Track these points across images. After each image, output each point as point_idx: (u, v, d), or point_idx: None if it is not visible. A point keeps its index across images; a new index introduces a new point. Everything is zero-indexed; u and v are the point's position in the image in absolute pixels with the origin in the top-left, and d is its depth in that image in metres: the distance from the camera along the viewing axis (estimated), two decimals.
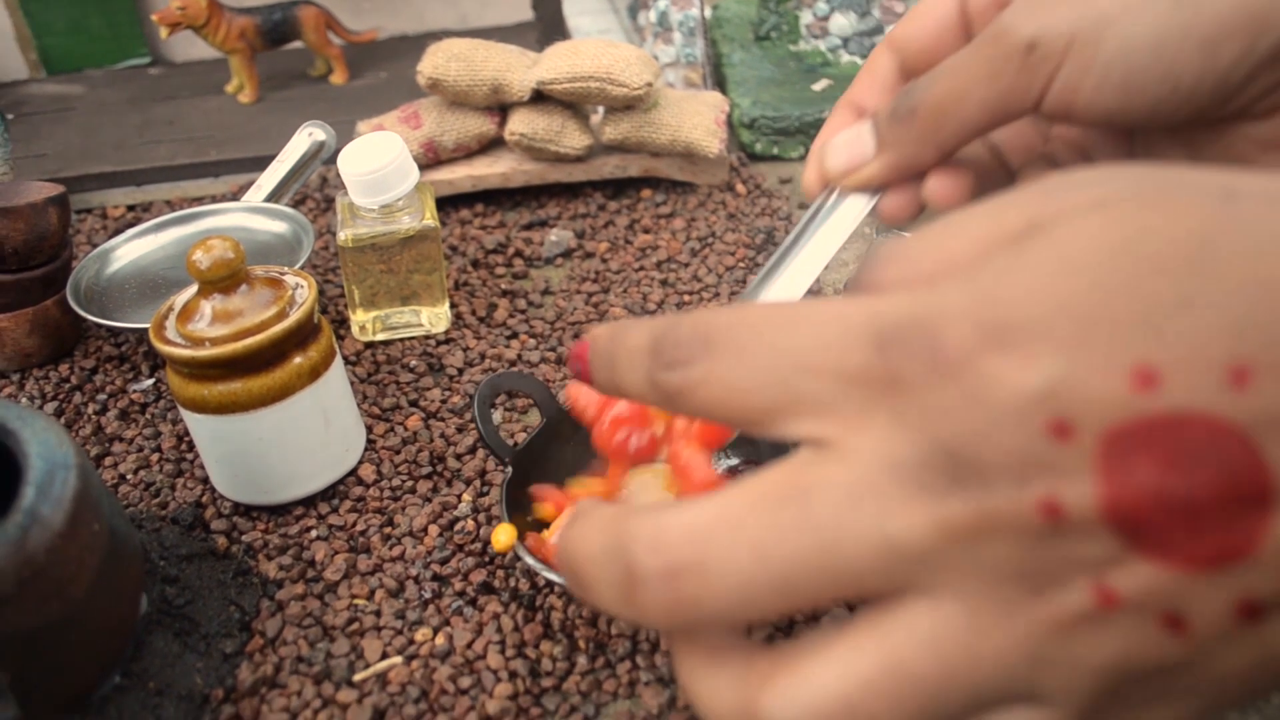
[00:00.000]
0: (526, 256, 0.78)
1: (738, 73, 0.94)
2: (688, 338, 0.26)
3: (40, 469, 0.42)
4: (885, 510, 0.23)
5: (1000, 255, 0.24)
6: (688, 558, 0.24)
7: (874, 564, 0.23)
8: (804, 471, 0.24)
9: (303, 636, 0.50)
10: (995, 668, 0.24)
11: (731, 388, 0.25)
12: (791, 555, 0.24)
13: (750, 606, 0.24)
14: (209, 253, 0.51)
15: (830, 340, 0.24)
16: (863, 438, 0.24)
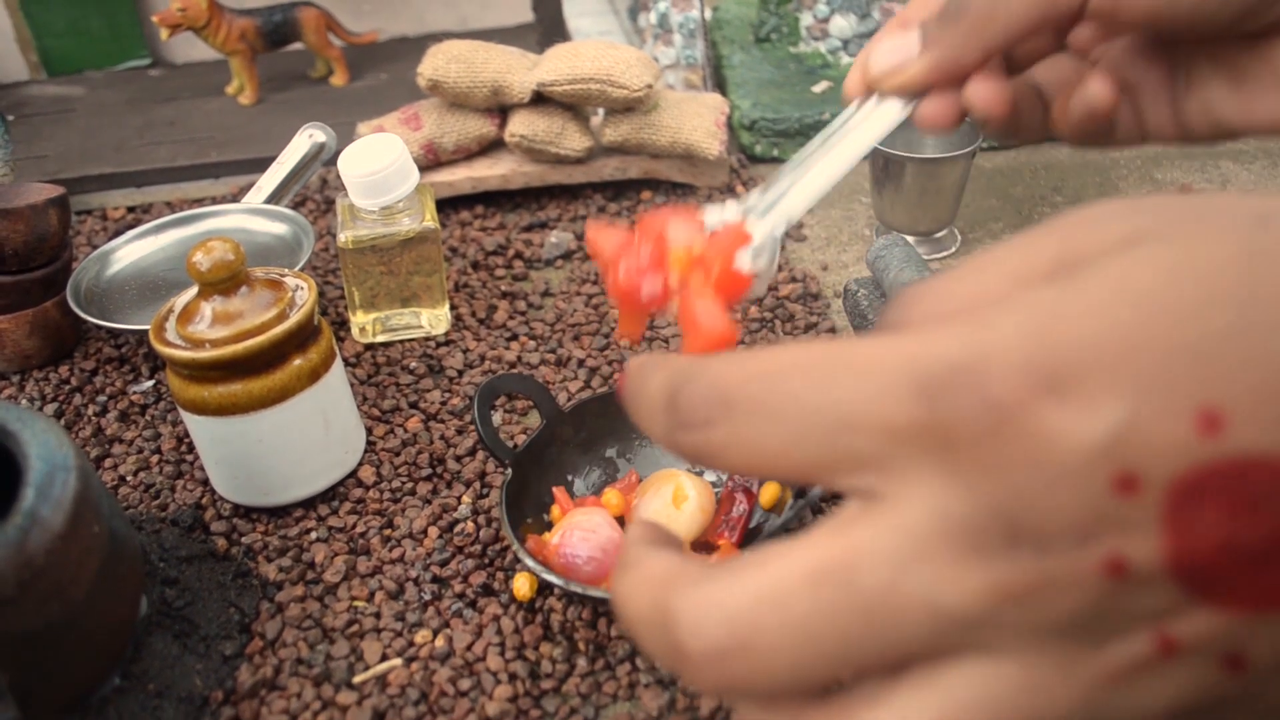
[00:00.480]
0: (526, 258, 0.78)
1: (738, 74, 0.94)
2: (703, 398, 0.25)
3: (40, 471, 0.42)
4: (936, 577, 0.23)
5: (1040, 292, 0.23)
6: (732, 642, 0.24)
7: (925, 632, 0.23)
8: (849, 537, 0.23)
9: (302, 638, 0.50)
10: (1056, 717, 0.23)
11: (762, 450, 0.24)
12: (838, 634, 0.23)
13: (798, 682, 0.24)
14: (209, 254, 0.51)
15: (870, 393, 0.23)
16: (912, 495, 0.23)
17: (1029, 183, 0.82)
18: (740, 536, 0.50)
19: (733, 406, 0.24)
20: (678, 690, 0.46)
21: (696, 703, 0.45)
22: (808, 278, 0.72)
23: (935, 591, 0.22)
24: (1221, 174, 0.81)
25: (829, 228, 0.79)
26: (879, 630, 0.23)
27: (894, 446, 0.23)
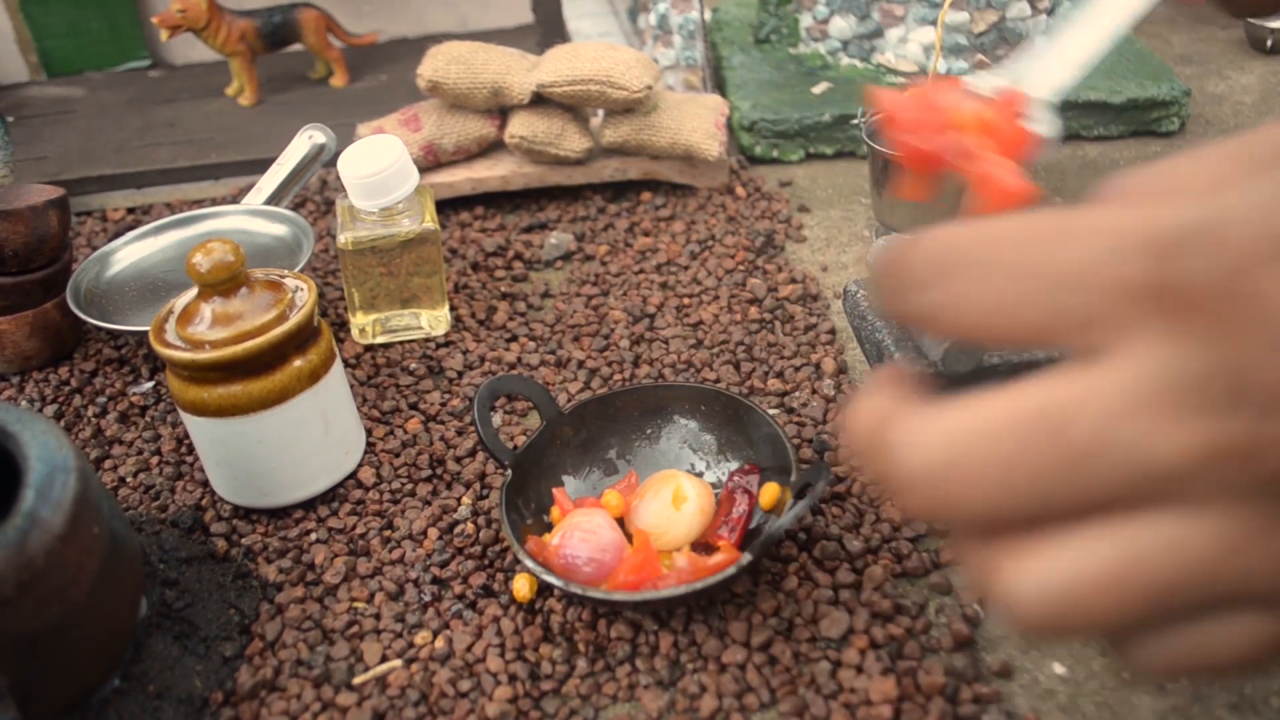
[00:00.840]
0: (526, 259, 0.78)
1: (737, 76, 0.94)
2: (926, 260, 0.26)
3: (40, 472, 0.42)
4: (1151, 431, 0.23)
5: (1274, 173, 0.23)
6: (940, 463, 0.25)
7: (1127, 482, 0.24)
8: (1068, 388, 0.24)
9: (302, 639, 0.50)
10: (1242, 577, 0.24)
11: (987, 308, 0.25)
12: (1041, 474, 0.24)
13: (992, 513, 0.25)
14: (209, 256, 0.51)
15: (1101, 253, 0.24)
16: (1136, 352, 0.23)
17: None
18: (740, 537, 0.50)
19: (950, 269, 0.25)
20: (677, 691, 0.46)
21: (697, 704, 0.45)
22: (807, 279, 0.72)
23: (1147, 444, 0.23)
24: None
25: (828, 229, 0.79)
26: (1081, 476, 0.24)
27: (1122, 305, 0.23)
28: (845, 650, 0.47)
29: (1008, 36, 0.90)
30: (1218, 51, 1.01)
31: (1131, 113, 0.85)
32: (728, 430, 0.56)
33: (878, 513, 0.53)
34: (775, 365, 0.65)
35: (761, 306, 0.70)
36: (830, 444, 0.58)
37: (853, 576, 0.50)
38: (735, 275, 0.73)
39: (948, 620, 0.48)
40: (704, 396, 0.56)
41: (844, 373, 0.64)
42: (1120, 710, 0.43)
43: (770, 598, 0.49)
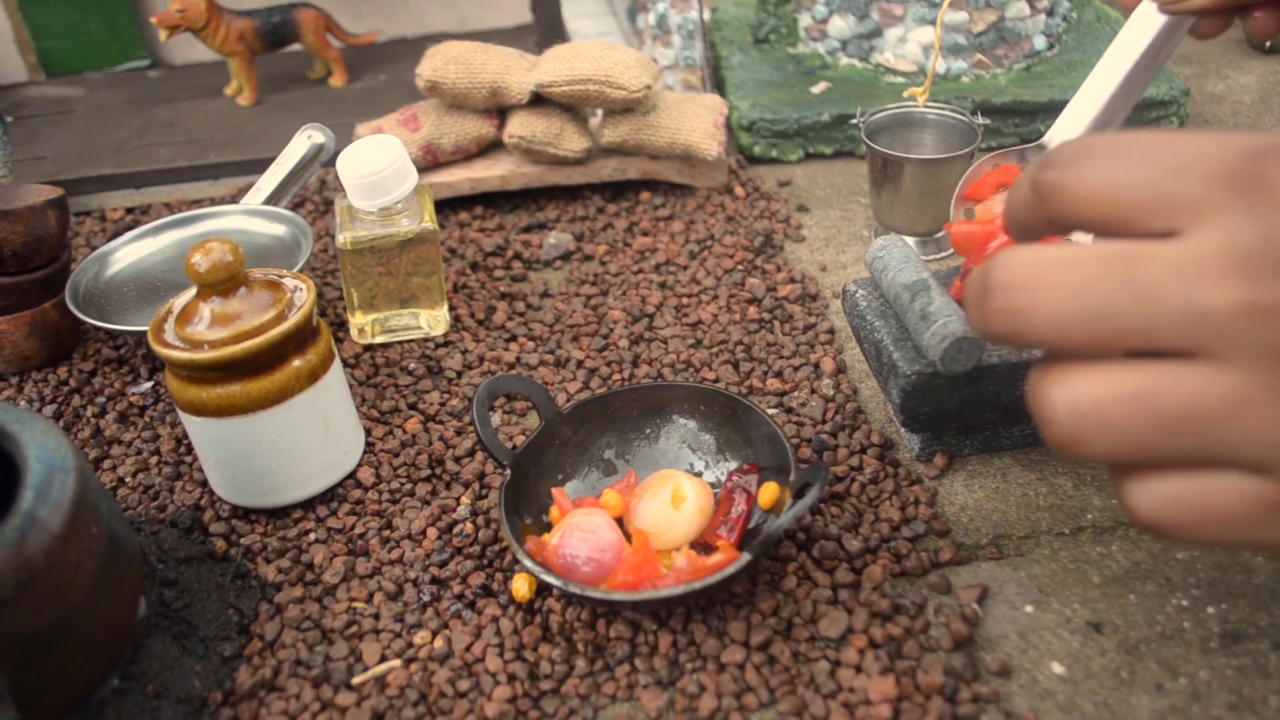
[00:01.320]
0: (525, 259, 0.78)
1: (736, 75, 0.94)
2: (1072, 148, 0.31)
3: (39, 472, 0.42)
4: (1204, 283, 0.28)
5: None
6: (1023, 279, 0.30)
7: (1177, 322, 0.28)
8: (1145, 244, 0.29)
9: (301, 639, 0.50)
10: (1243, 432, 0.28)
11: (1101, 183, 0.30)
12: (1106, 300, 0.29)
13: (1062, 332, 0.30)
14: (208, 255, 0.51)
15: (1206, 151, 0.29)
16: (1211, 224, 0.28)
17: None
18: (739, 537, 0.50)
19: (1092, 152, 0.31)
20: (676, 691, 0.46)
21: (696, 703, 0.45)
22: (806, 278, 0.72)
23: (1198, 292, 0.28)
24: None
25: (827, 228, 0.79)
26: (1139, 308, 0.28)
27: (1212, 188, 0.28)
28: (844, 650, 0.47)
29: (1007, 36, 0.90)
30: (1216, 51, 1.01)
31: (1131, 112, 0.85)
32: (726, 430, 0.56)
33: (876, 512, 0.54)
34: (774, 365, 0.65)
35: (760, 306, 0.70)
36: (829, 444, 0.58)
37: (851, 576, 0.50)
38: (734, 275, 0.73)
39: (946, 620, 0.48)
40: (703, 396, 0.56)
41: (843, 372, 0.64)
42: (1119, 710, 0.44)
43: (769, 597, 0.49)
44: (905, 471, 0.56)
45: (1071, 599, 0.49)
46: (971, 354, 0.49)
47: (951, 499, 0.55)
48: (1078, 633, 0.47)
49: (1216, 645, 0.46)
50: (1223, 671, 0.45)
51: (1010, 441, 0.57)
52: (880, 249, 0.57)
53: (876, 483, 0.56)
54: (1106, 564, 0.50)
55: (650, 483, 0.53)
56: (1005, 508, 0.54)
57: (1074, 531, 0.52)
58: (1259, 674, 0.44)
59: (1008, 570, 0.50)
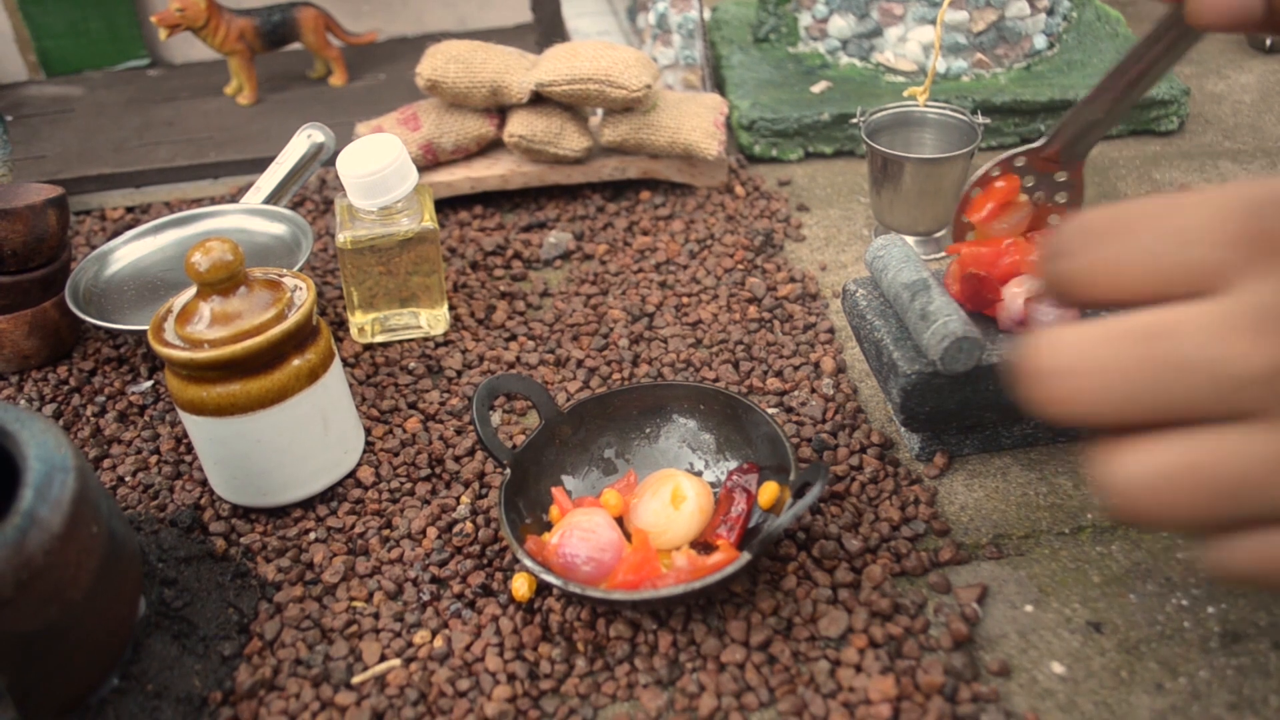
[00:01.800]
0: (525, 258, 0.78)
1: (736, 75, 0.94)
2: (1077, 232, 0.31)
3: (39, 471, 0.42)
4: (1234, 347, 0.28)
5: None
6: (1066, 364, 0.31)
7: (1215, 390, 0.29)
8: (1175, 313, 0.29)
9: (301, 639, 0.50)
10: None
11: (1118, 267, 0.31)
12: (1146, 378, 0.29)
13: (1112, 413, 0.30)
14: (208, 255, 0.51)
15: (1211, 213, 0.29)
16: (1233, 288, 0.29)
17: None
18: (739, 536, 0.50)
19: (1098, 233, 0.31)
20: (676, 690, 0.46)
21: (695, 703, 0.45)
22: (806, 278, 0.72)
23: (1230, 358, 0.28)
24: (1220, 173, 0.81)
25: (827, 228, 0.79)
26: (1179, 379, 0.29)
27: (1225, 251, 0.29)
28: (844, 649, 0.47)
29: (1007, 35, 0.90)
30: (1217, 51, 1.01)
31: (1131, 112, 0.85)
32: (726, 429, 0.56)
33: (876, 512, 0.54)
34: (774, 364, 0.65)
35: (760, 305, 0.70)
36: (829, 443, 0.58)
37: (851, 576, 0.50)
38: (734, 274, 0.73)
39: (946, 619, 0.48)
40: (703, 395, 0.56)
41: (843, 372, 0.64)
42: (1119, 709, 0.44)
43: (769, 597, 0.49)
44: (905, 471, 0.56)
45: (1071, 598, 0.49)
46: (971, 354, 0.49)
47: (951, 498, 0.55)
48: (1078, 632, 0.47)
49: (1216, 645, 0.46)
50: (1223, 671, 0.45)
51: (1010, 441, 0.57)
52: (880, 248, 0.57)
53: (876, 482, 0.56)
54: (1106, 564, 0.50)
55: (650, 482, 0.53)
56: (1005, 507, 0.54)
57: (1074, 531, 0.52)
58: (1259, 673, 0.44)
59: (1008, 570, 0.50)
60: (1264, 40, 0.98)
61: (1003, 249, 0.53)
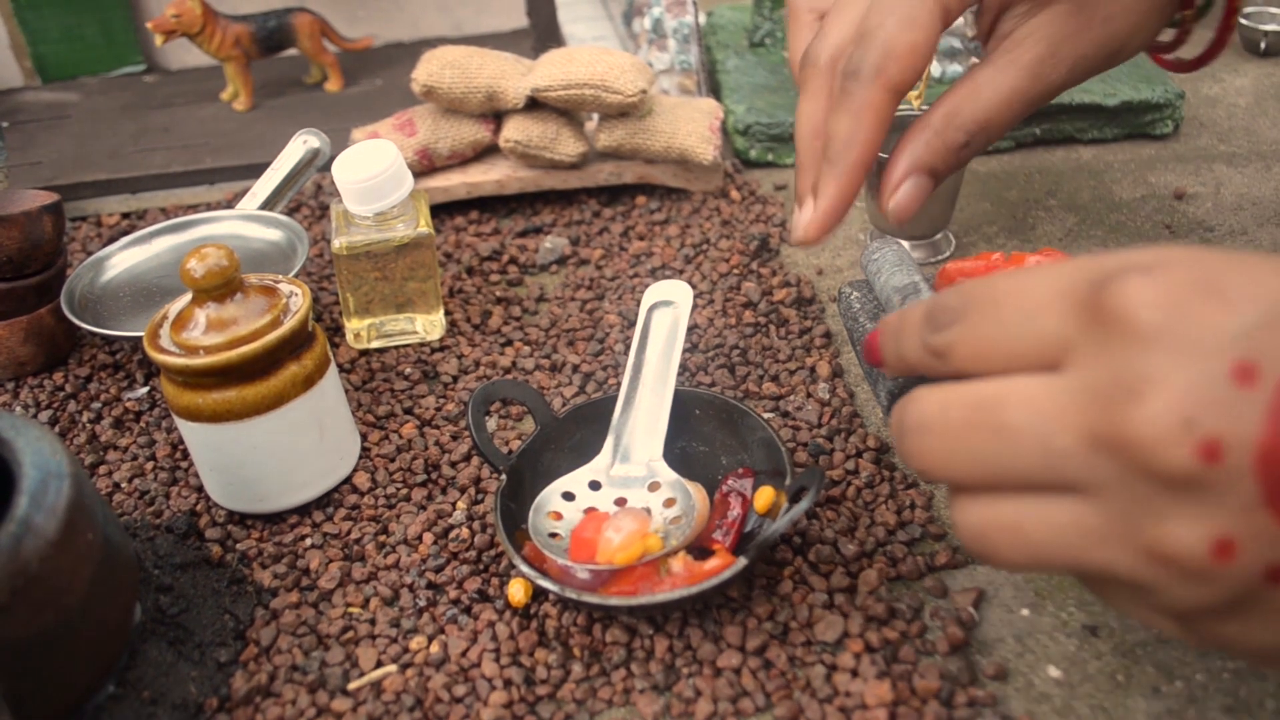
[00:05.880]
0: (521, 264, 0.78)
1: (732, 79, 0.94)
2: (953, 305, 0.33)
3: (34, 478, 0.42)
4: (1057, 420, 0.30)
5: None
6: (918, 423, 0.33)
7: (1040, 461, 0.30)
8: (1012, 384, 0.31)
9: (297, 645, 0.50)
10: (1099, 565, 0.30)
11: (982, 341, 0.32)
12: (978, 445, 0.32)
13: (953, 472, 0.33)
14: (203, 261, 0.51)
15: (1059, 286, 0.31)
16: (1071, 360, 0.30)
17: (1023, 186, 0.82)
18: (735, 541, 0.50)
19: (968, 308, 0.33)
20: (673, 696, 0.46)
21: (692, 708, 0.45)
22: (802, 282, 0.72)
23: (1051, 431, 0.30)
24: (1215, 177, 0.81)
25: None
26: (1006, 446, 0.31)
27: (1066, 324, 0.30)
28: (840, 654, 0.47)
29: None
30: None
31: (1126, 115, 0.86)
32: (722, 434, 0.56)
33: (872, 517, 0.54)
34: (770, 369, 0.65)
35: (756, 310, 0.70)
36: (825, 448, 0.58)
37: (847, 580, 0.50)
38: (730, 279, 0.73)
39: (942, 624, 0.48)
40: (698, 400, 0.56)
41: (839, 376, 0.64)
42: (1115, 713, 0.44)
43: (765, 602, 0.49)
44: (901, 475, 0.56)
45: (1068, 602, 0.49)
46: None
47: (947, 502, 0.55)
48: (1074, 636, 0.47)
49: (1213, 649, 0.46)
50: (1219, 675, 0.45)
51: None
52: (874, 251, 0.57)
53: (872, 487, 0.56)
54: None
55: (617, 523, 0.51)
56: None
57: None
58: (1255, 677, 0.44)
59: (1003, 574, 0.50)
60: (1259, 43, 0.99)
61: (991, 264, 0.53)
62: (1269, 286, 0.28)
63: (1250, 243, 0.73)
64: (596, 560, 0.48)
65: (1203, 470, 0.27)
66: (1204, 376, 0.27)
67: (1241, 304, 0.27)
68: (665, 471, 0.53)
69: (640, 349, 0.57)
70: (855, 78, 0.49)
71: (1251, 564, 0.28)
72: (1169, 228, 0.75)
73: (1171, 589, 0.29)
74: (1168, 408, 0.27)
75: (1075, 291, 0.30)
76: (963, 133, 0.51)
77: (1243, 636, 0.30)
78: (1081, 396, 0.29)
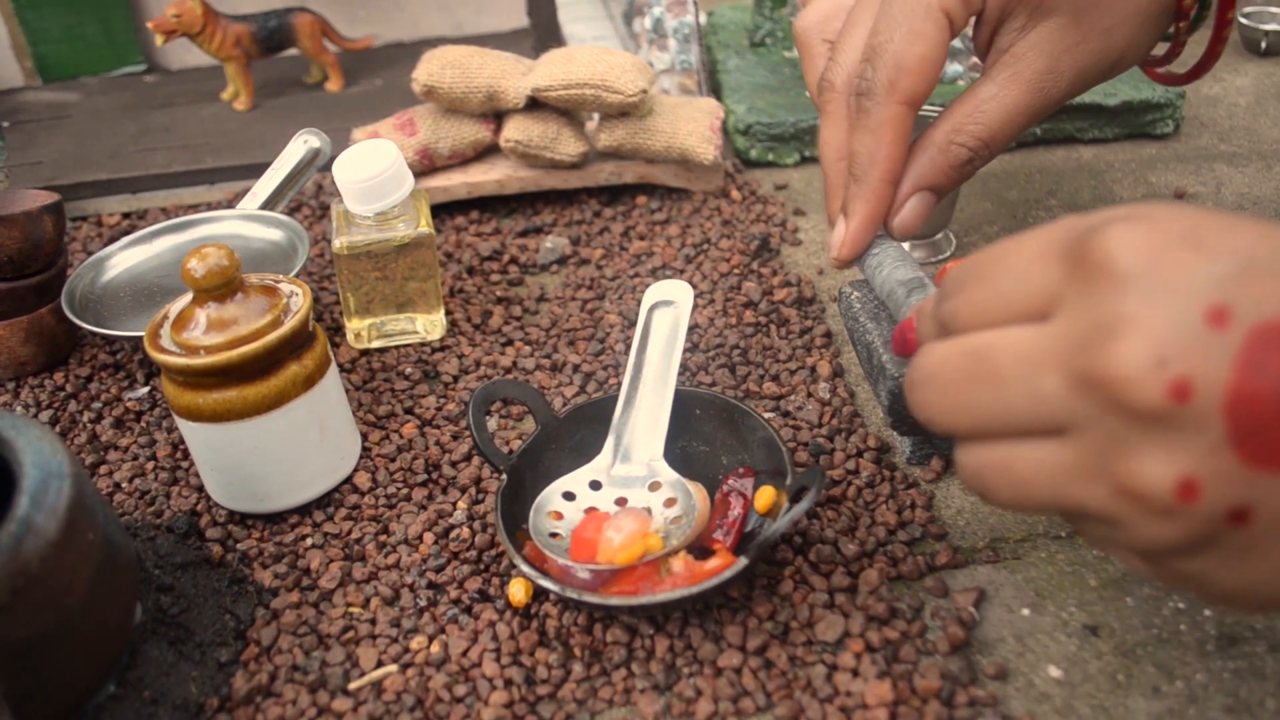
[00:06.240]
0: (522, 263, 0.78)
1: (733, 79, 0.94)
2: (956, 276, 0.36)
3: (35, 478, 0.42)
4: (1042, 365, 0.31)
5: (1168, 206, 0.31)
6: (923, 376, 0.35)
7: (1029, 406, 0.32)
8: (1002, 333, 0.33)
9: (298, 645, 0.50)
10: (1075, 501, 0.32)
11: (982, 302, 0.34)
12: (973, 393, 0.33)
13: (953, 422, 0.35)
14: (204, 261, 0.51)
15: (1045, 243, 0.33)
16: (1058, 308, 0.31)
17: (1024, 186, 0.82)
18: (735, 541, 0.50)
19: (967, 277, 0.35)
20: (673, 695, 0.46)
21: (692, 708, 0.45)
22: (802, 282, 0.72)
23: (1039, 373, 0.31)
24: (1215, 177, 0.81)
25: (823, 232, 0.79)
26: (997, 393, 0.33)
27: (1052, 275, 0.32)
28: (841, 654, 0.47)
29: None
30: None
31: (1126, 115, 0.86)
32: (723, 434, 0.56)
33: (873, 516, 0.54)
34: (770, 369, 0.65)
35: (757, 310, 0.70)
36: (825, 447, 0.58)
37: (848, 580, 0.50)
38: (730, 279, 0.73)
39: (943, 624, 0.48)
40: (699, 400, 0.56)
41: (839, 376, 0.64)
42: (1115, 713, 0.44)
43: (766, 601, 0.49)
44: (902, 475, 0.56)
45: (1068, 602, 0.49)
46: None
47: (948, 502, 0.55)
48: (1074, 636, 0.47)
49: (1213, 648, 0.46)
50: (1219, 674, 0.45)
51: None
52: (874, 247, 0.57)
53: (873, 486, 0.56)
54: (1103, 567, 0.50)
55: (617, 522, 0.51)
56: (1001, 511, 0.54)
57: (1071, 535, 0.52)
58: (1255, 676, 0.44)
59: (1004, 574, 0.50)
60: (1259, 43, 0.99)
61: None
62: (1246, 240, 0.29)
63: None
64: (597, 560, 0.48)
65: (1173, 408, 0.28)
66: (1178, 318, 0.28)
67: (1219, 253, 0.29)
68: (666, 471, 0.53)
69: (641, 349, 0.57)
70: (870, 96, 0.50)
71: (1215, 504, 0.29)
72: None
73: (1138, 525, 0.31)
74: (1142, 346, 0.28)
75: (1062, 245, 0.32)
76: (966, 150, 0.52)
77: (1206, 576, 0.31)
78: (1065, 340, 0.31)
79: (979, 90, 0.52)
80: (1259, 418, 0.27)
